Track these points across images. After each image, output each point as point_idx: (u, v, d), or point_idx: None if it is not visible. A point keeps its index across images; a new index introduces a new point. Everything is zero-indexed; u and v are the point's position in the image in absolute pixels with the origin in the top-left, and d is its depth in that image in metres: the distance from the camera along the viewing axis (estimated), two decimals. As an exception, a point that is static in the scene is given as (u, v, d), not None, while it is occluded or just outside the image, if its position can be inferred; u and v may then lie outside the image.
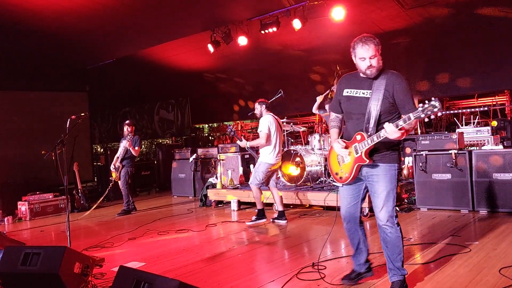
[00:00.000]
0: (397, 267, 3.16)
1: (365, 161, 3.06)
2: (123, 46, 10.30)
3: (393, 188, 3.12)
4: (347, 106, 3.22)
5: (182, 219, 7.17)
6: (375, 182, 3.14)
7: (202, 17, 8.63)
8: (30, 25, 8.52)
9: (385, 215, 3.12)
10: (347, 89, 3.21)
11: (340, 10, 7.55)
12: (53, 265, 3.33)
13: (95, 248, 5.34)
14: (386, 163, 3.11)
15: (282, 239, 5.25)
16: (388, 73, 3.09)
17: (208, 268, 4.22)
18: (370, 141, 3.00)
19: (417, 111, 2.76)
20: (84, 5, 7.62)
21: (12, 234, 6.53)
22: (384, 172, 3.11)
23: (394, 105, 3.04)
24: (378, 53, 3.04)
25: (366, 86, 3.11)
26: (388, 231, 3.13)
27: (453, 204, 6.11)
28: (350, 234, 3.44)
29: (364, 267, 3.49)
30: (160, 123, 14.92)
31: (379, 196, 3.12)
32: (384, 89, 3.01)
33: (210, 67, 11.69)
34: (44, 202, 8.53)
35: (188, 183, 9.93)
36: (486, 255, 3.98)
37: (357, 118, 3.14)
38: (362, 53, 3.04)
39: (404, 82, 3.06)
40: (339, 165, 3.27)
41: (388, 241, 3.16)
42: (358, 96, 3.13)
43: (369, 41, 3.03)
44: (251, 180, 6.18)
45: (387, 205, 3.11)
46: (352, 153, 3.12)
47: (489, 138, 6.44)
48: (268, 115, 6.23)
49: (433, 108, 2.72)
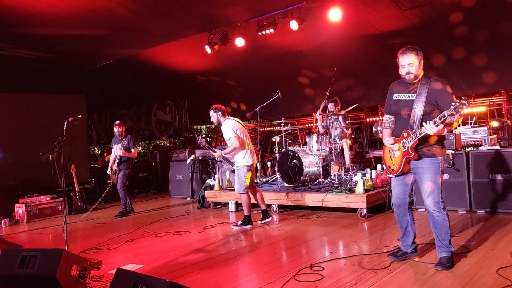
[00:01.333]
0: (445, 244, 3.68)
1: (411, 154, 3.59)
2: (121, 47, 10.29)
3: (437, 178, 3.61)
4: (396, 108, 3.78)
5: (180, 220, 7.16)
6: (420, 173, 3.66)
7: (200, 19, 8.63)
8: (27, 27, 8.50)
9: (431, 201, 3.63)
10: (396, 94, 3.78)
11: (337, 12, 7.57)
12: (51, 268, 3.32)
13: (93, 250, 5.33)
14: (430, 157, 3.61)
15: (280, 241, 5.25)
16: (431, 79, 3.57)
17: (206, 270, 4.21)
18: (414, 137, 3.52)
19: (450, 109, 3.22)
20: (81, 7, 7.61)
21: (9, 237, 6.51)
22: (428, 165, 3.61)
23: (436, 106, 3.51)
24: (418, 61, 3.55)
25: (411, 90, 3.65)
26: (436, 215, 3.65)
27: (451, 205, 6.11)
28: (400, 218, 3.98)
29: (411, 248, 3.97)
30: (157, 125, 14.91)
31: (425, 186, 3.64)
32: (427, 93, 3.52)
33: (207, 68, 11.69)
34: (41, 205, 8.50)
35: (186, 184, 9.93)
36: (483, 255, 3.99)
37: (403, 118, 3.69)
38: (402, 61, 3.59)
39: (445, 87, 3.51)
40: (391, 159, 3.82)
41: (436, 223, 3.68)
42: (404, 99, 3.69)
43: (409, 51, 3.56)
44: (237, 189, 6.07)
45: (432, 192, 3.61)
46: (401, 148, 3.67)
47: (486, 138, 6.45)
48: (226, 120, 6.09)
49: (462, 106, 3.16)
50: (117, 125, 8.15)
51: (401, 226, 4.01)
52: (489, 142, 6.38)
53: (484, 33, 8.08)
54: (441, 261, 3.66)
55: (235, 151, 6.01)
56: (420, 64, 3.57)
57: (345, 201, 6.25)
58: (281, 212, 7.10)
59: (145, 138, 15.50)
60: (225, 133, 6.01)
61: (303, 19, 7.94)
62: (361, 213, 6.14)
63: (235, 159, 6.13)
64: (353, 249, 4.55)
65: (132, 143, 8.00)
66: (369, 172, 7.00)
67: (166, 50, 10.41)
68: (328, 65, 9.55)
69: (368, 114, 11.50)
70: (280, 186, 7.69)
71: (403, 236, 4.02)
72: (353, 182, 6.83)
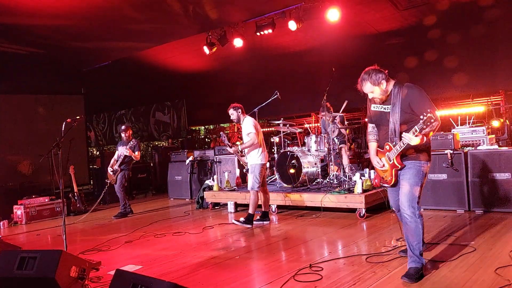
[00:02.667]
0: (415, 255, 3.51)
1: (397, 166, 3.58)
2: (119, 48, 10.29)
3: (417, 182, 3.53)
4: (375, 120, 3.78)
5: (178, 221, 7.15)
6: (402, 174, 3.61)
7: (198, 19, 8.63)
8: (25, 27, 8.49)
9: (406, 204, 3.52)
10: (373, 105, 3.73)
11: (335, 12, 7.57)
12: (49, 269, 3.31)
13: (92, 251, 5.32)
14: (413, 160, 3.56)
15: (279, 241, 5.25)
16: (403, 87, 3.51)
17: (205, 270, 4.22)
18: (396, 150, 3.51)
19: (419, 123, 3.20)
20: (79, 7, 7.60)
21: (8, 238, 6.50)
22: (410, 166, 3.55)
23: (413, 114, 3.43)
24: (377, 85, 3.50)
25: (386, 102, 3.60)
26: (408, 220, 3.53)
27: (449, 204, 6.13)
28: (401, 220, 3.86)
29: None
30: (156, 126, 14.90)
31: (403, 187, 3.56)
32: (400, 103, 3.47)
33: (205, 69, 11.68)
34: (40, 206, 8.49)
35: (184, 185, 9.92)
36: (482, 255, 3.99)
37: (384, 129, 3.66)
38: (364, 90, 3.59)
39: (417, 92, 3.46)
40: (382, 171, 3.78)
41: (407, 229, 3.56)
42: (381, 111, 3.65)
43: (364, 81, 3.54)
44: (252, 185, 6.10)
45: (409, 195, 3.51)
46: (387, 160, 3.64)
47: (484, 138, 6.46)
48: (248, 117, 6.29)
49: (430, 119, 3.13)
50: (123, 130, 8.15)
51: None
52: (488, 142, 6.40)
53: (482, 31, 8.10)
54: (409, 272, 3.47)
55: (251, 148, 6.11)
56: (381, 85, 3.49)
57: (344, 201, 6.26)
58: (280, 213, 7.10)
59: (144, 139, 15.49)
60: (246, 128, 6.16)
61: (302, 19, 7.95)
62: (360, 213, 6.14)
63: (249, 157, 6.21)
64: (352, 249, 4.56)
65: (138, 147, 8.02)
66: (367, 172, 7.00)
67: (165, 51, 10.40)
68: (327, 65, 9.54)
69: (366, 114, 11.50)
70: (279, 187, 7.69)
71: None
72: (351, 182, 6.84)
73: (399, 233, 5.03)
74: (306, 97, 11.08)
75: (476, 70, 8.61)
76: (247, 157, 6.28)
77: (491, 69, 8.47)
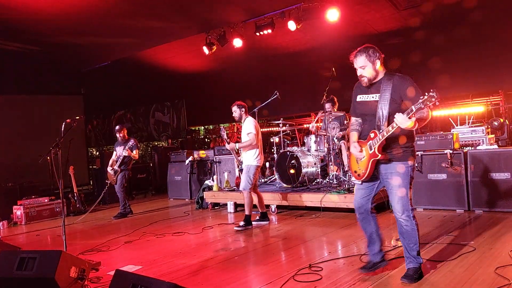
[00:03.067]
0: (413, 255, 3.46)
1: (377, 155, 3.35)
2: (118, 48, 10.29)
3: (407, 184, 3.38)
4: (361, 110, 3.60)
5: (178, 221, 7.15)
6: (389, 178, 3.42)
7: (197, 19, 8.63)
8: (24, 28, 8.49)
9: (401, 209, 3.39)
10: (360, 95, 3.59)
11: (335, 12, 7.57)
12: (49, 269, 3.31)
13: (91, 252, 5.32)
14: (400, 161, 3.38)
15: (279, 241, 5.25)
16: (394, 77, 3.37)
17: (205, 270, 4.21)
18: (381, 136, 3.30)
19: (418, 102, 3.03)
20: (78, 7, 7.60)
21: (8, 239, 6.50)
22: (398, 169, 3.38)
23: (402, 105, 3.29)
24: (371, 63, 3.37)
25: (375, 90, 3.44)
26: (404, 224, 3.42)
27: (449, 204, 6.13)
28: (363, 224, 3.72)
29: (379, 256, 3.71)
30: (155, 126, 14.89)
31: (394, 191, 3.41)
32: (391, 91, 3.32)
33: (205, 69, 11.68)
34: (40, 206, 8.49)
35: (184, 185, 9.92)
36: (481, 254, 3.99)
37: (370, 119, 3.48)
38: (354, 64, 3.45)
39: (409, 83, 3.31)
40: (357, 163, 3.57)
41: (404, 232, 3.45)
42: (368, 101, 3.49)
43: (359, 53, 3.40)
44: (244, 186, 6.06)
45: (402, 199, 3.38)
46: (367, 150, 3.43)
47: (484, 138, 6.47)
48: (250, 117, 6.25)
49: (431, 98, 2.99)
50: (118, 130, 8.12)
51: (366, 233, 3.74)
52: (487, 142, 6.41)
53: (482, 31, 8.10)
54: (408, 272, 3.44)
55: (248, 148, 6.08)
56: (375, 64, 3.36)
57: (344, 201, 6.26)
58: (280, 213, 7.10)
59: (143, 139, 15.48)
60: (247, 128, 6.12)
61: (301, 19, 7.95)
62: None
63: (245, 157, 6.17)
64: (351, 249, 4.56)
65: (136, 146, 8.00)
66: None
67: (164, 51, 10.40)
68: (326, 65, 9.55)
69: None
70: (278, 187, 7.69)
71: (369, 245, 3.74)
72: (351, 182, 6.84)
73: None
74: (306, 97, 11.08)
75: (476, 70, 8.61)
76: (243, 156, 6.25)
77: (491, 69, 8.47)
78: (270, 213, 7.01)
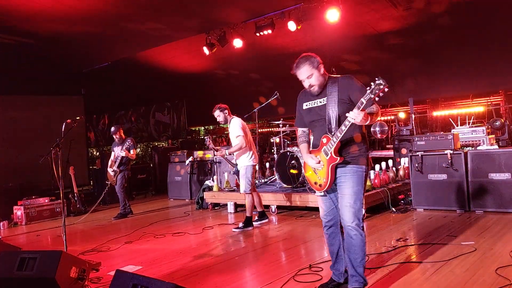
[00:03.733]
0: (359, 273, 3.13)
1: (336, 159, 3.12)
2: (119, 49, 10.29)
3: (360, 190, 3.14)
4: (309, 117, 3.37)
5: (178, 222, 7.15)
6: (342, 182, 3.17)
7: (197, 20, 8.63)
8: (24, 28, 8.49)
9: (350, 217, 3.11)
10: (306, 103, 3.40)
11: (335, 12, 7.57)
12: (50, 269, 3.32)
13: (92, 252, 5.32)
14: (354, 164, 3.17)
15: (279, 241, 5.25)
16: (338, 79, 3.24)
17: (205, 271, 4.21)
18: (335, 138, 3.08)
19: (367, 93, 2.84)
20: (78, 8, 7.61)
21: (8, 239, 6.50)
22: (351, 173, 3.16)
23: (351, 105, 3.08)
24: (316, 69, 3.20)
25: (321, 95, 3.27)
26: (353, 233, 3.11)
27: (449, 204, 6.13)
28: (331, 240, 3.41)
29: (344, 276, 3.37)
30: (156, 126, 14.90)
31: (345, 196, 3.14)
32: (337, 93, 3.16)
33: (205, 70, 11.69)
34: (40, 207, 8.49)
35: (184, 186, 9.92)
36: (482, 255, 3.99)
37: (320, 124, 3.26)
38: (299, 76, 3.25)
39: (354, 82, 3.18)
40: (315, 174, 3.30)
41: (352, 244, 3.13)
42: (316, 106, 3.30)
43: (301, 64, 3.21)
44: (244, 188, 6.00)
45: (353, 206, 3.11)
46: (323, 157, 3.19)
47: (484, 138, 6.47)
48: (234, 118, 6.11)
49: (379, 86, 2.80)
50: (114, 132, 8.09)
51: (332, 251, 3.42)
52: (487, 142, 6.41)
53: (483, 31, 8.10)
54: None
55: (240, 151, 6.00)
56: (320, 70, 3.20)
57: (344, 202, 6.24)
58: (280, 213, 7.10)
59: (144, 140, 15.49)
60: (234, 131, 5.99)
61: (301, 20, 7.95)
62: (360, 213, 6.13)
63: (240, 159, 6.10)
64: (352, 250, 4.55)
65: (133, 145, 7.99)
66: (367, 173, 7.00)
67: (164, 51, 10.41)
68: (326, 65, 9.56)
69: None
70: (278, 187, 7.68)
71: (335, 264, 3.43)
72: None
73: (399, 233, 5.05)
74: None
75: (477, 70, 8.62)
76: (238, 160, 6.17)
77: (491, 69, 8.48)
78: (270, 214, 7.01)
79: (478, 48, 8.37)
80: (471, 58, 8.53)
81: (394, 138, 8.78)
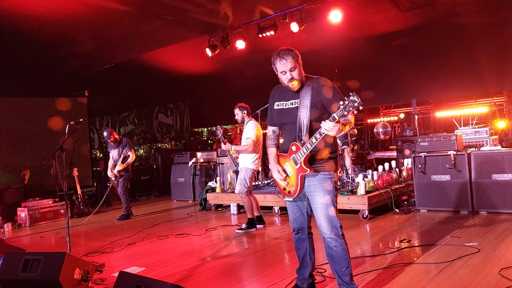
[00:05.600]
0: (346, 282, 3.02)
1: (306, 170, 2.97)
2: (122, 51, 10.33)
3: (332, 197, 3.00)
4: (279, 119, 3.21)
5: (181, 223, 7.16)
6: (313, 192, 3.04)
7: (200, 22, 8.65)
8: (28, 31, 8.53)
9: (327, 227, 2.99)
10: (277, 102, 3.22)
11: (337, 13, 7.57)
12: (53, 271, 3.33)
13: (95, 253, 5.33)
14: (322, 171, 3.03)
15: (282, 242, 5.24)
16: (313, 79, 3.10)
17: (208, 272, 4.22)
18: (305, 149, 2.94)
19: (339, 109, 2.70)
20: (82, 11, 7.64)
21: (12, 241, 6.52)
22: (320, 181, 3.01)
23: (323, 111, 2.99)
24: (298, 64, 3.05)
25: (295, 96, 3.09)
26: (333, 245, 3.00)
27: (453, 205, 6.11)
28: (298, 245, 3.32)
29: (307, 282, 3.32)
30: (159, 128, 14.94)
31: (318, 207, 3.02)
32: (311, 96, 3.00)
33: (208, 71, 11.71)
34: (44, 208, 8.51)
35: (187, 187, 9.93)
36: (486, 256, 3.98)
37: (290, 128, 3.10)
38: (281, 67, 3.04)
39: (327, 85, 3.04)
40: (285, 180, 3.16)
41: (334, 255, 3.02)
42: (287, 108, 3.13)
43: (286, 55, 3.02)
44: (240, 190, 5.94)
45: (327, 216, 2.98)
46: (292, 164, 3.05)
47: (487, 139, 6.45)
48: (252, 120, 6.07)
49: (353, 104, 2.66)
50: (107, 137, 7.96)
51: (299, 255, 3.33)
52: (491, 143, 6.39)
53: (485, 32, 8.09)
54: None
55: (245, 152, 5.93)
56: (301, 65, 3.06)
57: (347, 203, 6.25)
58: (283, 214, 7.10)
59: (147, 141, 15.52)
60: (247, 132, 5.95)
61: (304, 21, 7.95)
62: (363, 214, 6.13)
63: (242, 159, 6.04)
64: (355, 251, 4.54)
65: (129, 146, 7.92)
66: (370, 174, 6.99)
67: (167, 53, 10.43)
68: (329, 67, 9.56)
69: (369, 115, 11.52)
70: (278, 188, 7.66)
71: (300, 268, 3.34)
72: (354, 183, 6.82)
73: (403, 234, 5.04)
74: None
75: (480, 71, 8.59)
76: (240, 158, 6.12)
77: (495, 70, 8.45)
78: (274, 215, 7.01)
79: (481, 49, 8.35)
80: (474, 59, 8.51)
81: (397, 139, 8.77)
